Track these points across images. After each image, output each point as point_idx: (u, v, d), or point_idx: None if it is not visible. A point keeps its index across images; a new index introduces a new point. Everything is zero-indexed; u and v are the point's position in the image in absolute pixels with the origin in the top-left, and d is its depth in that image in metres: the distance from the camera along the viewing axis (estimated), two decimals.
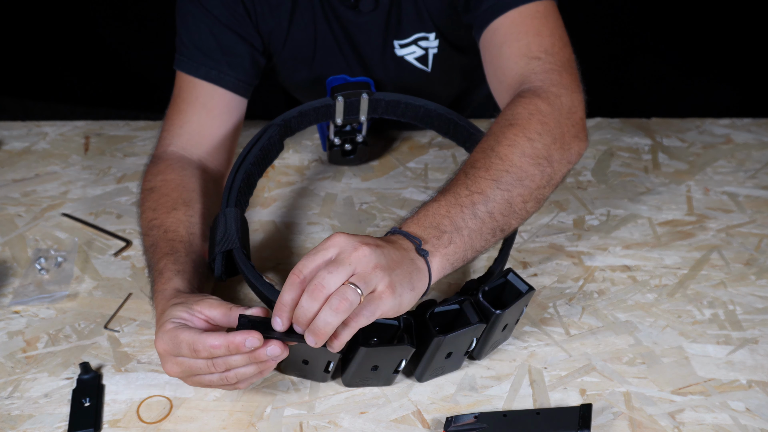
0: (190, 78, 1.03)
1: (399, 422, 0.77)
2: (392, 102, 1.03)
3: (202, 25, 1.02)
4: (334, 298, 0.67)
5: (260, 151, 0.95)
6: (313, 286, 0.67)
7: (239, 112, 1.06)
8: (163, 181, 0.95)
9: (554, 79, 0.90)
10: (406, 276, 0.71)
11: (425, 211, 0.78)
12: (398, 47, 1.10)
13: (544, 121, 0.85)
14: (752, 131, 1.25)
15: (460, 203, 0.78)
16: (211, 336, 0.70)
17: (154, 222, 0.90)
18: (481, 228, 0.78)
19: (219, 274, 0.85)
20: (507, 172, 0.81)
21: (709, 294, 0.93)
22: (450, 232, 0.76)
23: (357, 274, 0.68)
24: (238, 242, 0.84)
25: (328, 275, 0.67)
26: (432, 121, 1.04)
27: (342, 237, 0.70)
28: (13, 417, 0.78)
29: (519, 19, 0.94)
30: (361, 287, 0.67)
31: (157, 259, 0.85)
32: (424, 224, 0.76)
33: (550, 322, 0.89)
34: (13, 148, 1.23)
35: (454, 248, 0.76)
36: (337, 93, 1.02)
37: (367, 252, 0.68)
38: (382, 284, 0.69)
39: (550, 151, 0.84)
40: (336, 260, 0.68)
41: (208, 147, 1.02)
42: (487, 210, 0.79)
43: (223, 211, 0.87)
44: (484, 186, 0.79)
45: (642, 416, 0.77)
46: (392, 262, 0.70)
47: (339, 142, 1.11)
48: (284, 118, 0.99)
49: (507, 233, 0.82)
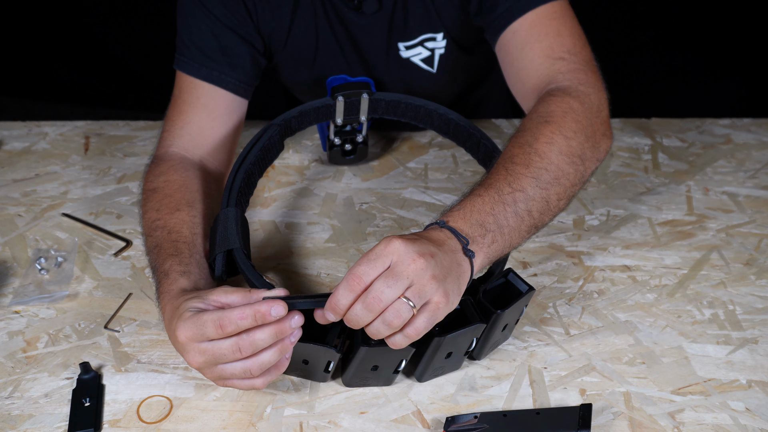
0: (190, 79, 1.03)
1: (399, 422, 0.77)
2: (392, 102, 1.03)
3: (203, 25, 1.02)
4: (389, 313, 0.69)
5: (260, 151, 0.95)
6: (371, 297, 0.69)
7: (240, 112, 1.06)
8: (165, 182, 0.95)
9: (581, 78, 0.92)
10: (456, 281, 0.72)
11: (471, 205, 0.78)
12: (403, 49, 1.10)
13: (577, 119, 0.87)
14: (752, 131, 1.25)
15: (503, 200, 0.79)
16: (236, 309, 0.71)
17: (158, 223, 0.90)
18: (519, 226, 0.79)
19: (219, 274, 0.85)
20: (546, 171, 0.82)
21: (709, 294, 0.93)
22: (493, 231, 0.77)
23: (413, 287, 0.69)
24: (238, 242, 0.84)
25: (387, 289, 0.68)
26: (432, 121, 1.04)
27: (400, 245, 0.70)
28: (13, 417, 0.78)
29: (537, 20, 0.95)
30: (416, 302, 0.69)
31: (161, 261, 0.85)
32: (470, 221, 0.77)
33: (550, 322, 0.89)
34: (14, 148, 1.23)
35: (495, 247, 0.77)
36: (337, 93, 1.02)
37: (423, 265, 0.69)
38: (437, 295, 0.70)
39: (584, 150, 0.86)
40: (394, 272, 0.69)
41: (209, 148, 1.02)
42: (527, 208, 0.80)
43: (224, 211, 0.87)
44: (525, 184, 0.81)
45: (642, 416, 0.77)
46: (444, 270, 0.71)
47: (339, 142, 1.11)
48: (284, 118, 0.99)
49: (540, 230, 0.83)
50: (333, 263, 0.99)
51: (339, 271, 0.97)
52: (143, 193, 0.96)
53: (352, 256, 0.99)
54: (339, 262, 0.99)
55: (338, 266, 0.98)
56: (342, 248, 1.01)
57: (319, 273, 0.97)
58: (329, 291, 0.73)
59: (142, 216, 0.94)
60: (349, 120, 1.05)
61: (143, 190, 0.96)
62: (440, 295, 0.70)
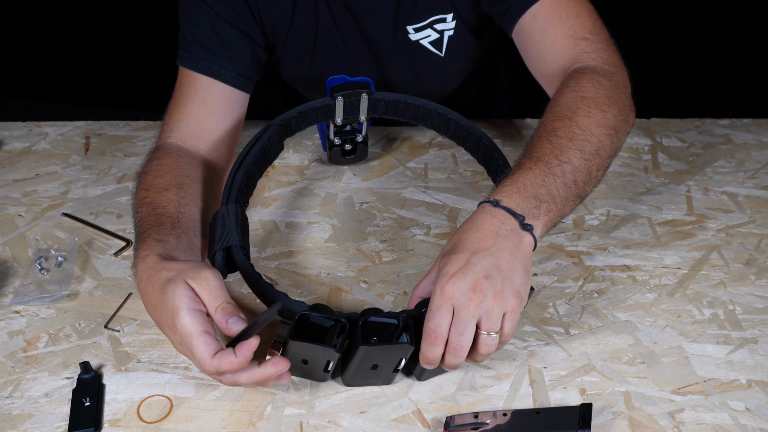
0: (190, 73, 1.03)
1: (399, 422, 0.77)
2: (392, 102, 1.03)
3: (203, 20, 1.03)
4: (478, 354, 0.75)
5: (260, 151, 0.95)
6: (453, 349, 0.73)
7: (239, 106, 1.06)
8: (158, 165, 0.95)
9: (605, 57, 0.95)
10: (521, 269, 0.75)
11: (523, 179, 0.80)
12: (412, 32, 1.10)
13: (610, 95, 0.90)
14: (752, 131, 1.25)
15: (553, 173, 0.81)
16: (242, 376, 0.73)
17: (145, 201, 0.90)
18: (568, 196, 0.82)
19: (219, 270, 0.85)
20: (588, 142, 0.85)
21: (708, 294, 0.93)
22: (547, 202, 0.79)
23: (483, 320, 0.73)
24: (237, 239, 0.84)
25: (461, 337, 0.73)
26: (432, 121, 1.04)
27: (452, 288, 0.72)
28: (13, 416, 0.78)
29: (556, 3, 0.97)
30: (493, 329, 0.73)
31: (142, 231, 0.85)
32: (525, 194, 0.79)
33: (550, 322, 0.89)
34: (14, 148, 1.23)
35: (551, 216, 0.80)
36: (336, 93, 1.02)
37: (481, 296, 0.72)
38: (509, 305, 0.74)
39: (618, 122, 0.89)
40: (459, 320, 0.72)
41: (208, 141, 1.02)
42: (574, 179, 0.82)
43: (223, 207, 0.87)
44: (571, 156, 0.83)
45: (642, 416, 0.77)
46: (505, 271, 0.74)
47: (339, 141, 1.11)
48: (284, 118, 0.99)
49: (583, 200, 0.86)
50: (333, 263, 0.99)
51: (339, 270, 0.97)
52: (137, 178, 0.96)
53: (352, 256, 0.99)
54: (339, 261, 0.99)
55: (338, 266, 0.98)
56: (342, 248, 1.01)
57: (319, 272, 0.97)
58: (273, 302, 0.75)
59: (133, 196, 0.93)
60: (349, 120, 1.05)
61: (137, 176, 0.96)
62: (511, 302, 0.73)
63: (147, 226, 0.85)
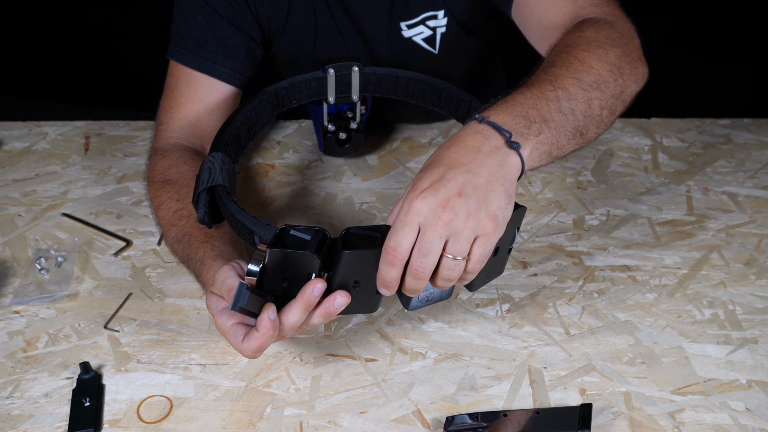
0: (185, 69, 1.03)
1: (399, 422, 0.77)
2: (383, 76, 1.02)
3: (198, 15, 1.03)
4: (439, 279, 0.68)
5: (250, 112, 0.93)
6: (414, 270, 0.67)
7: (235, 103, 1.06)
8: (178, 173, 0.95)
9: (606, 10, 0.91)
10: (500, 190, 0.68)
11: (512, 100, 0.74)
12: (405, 28, 1.10)
13: (612, 37, 0.85)
14: (752, 131, 1.25)
15: (546, 97, 0.75)
16: (288, 313, 0.72)
17: (182, 212, 0.89)
18: (564, 124, 0.76)
19: (202, 216, 0.82)
20: (586, 73, 0.80)
21: (709, 294, 0.93)
22: (539, 123, 0.73)
23: (450, 242, 0.66)
24: (222, 179, 0.81)
25: (423, 259, 0.66)
26: (424, 94, 1.03)
27: (421, 203, 0.66)
28: (13, 417, 0.78)
29: None
30: (460, 253, 0.67)
31: (194, 249, 0.85)
32: (512, 113, 0.72)
33: (550, 322, 0.89)
34: (14, 148, 1.23)
35: (543, 138, 0.73)
36: (327, 65, 1.01)
37: (450, 215, 0.65)
38: (481, 228, 0.66)
39: (622, 63, 0.84)
40: (424, 240, 0.66)
41: (209, 139, 1.02)
42: (570, 107, 0.77)
43: (210, 155, 0.85)
44: (566, 83, 0.78)
45: (642, 416, 0.77)
46: (483, 191, 0.67)
47: (333, 128, 1.10)
48: (275, 87, 0.98)
49: (585, 140, 0.80)
50: None
51: None
52: (153, 186, 0.95)
53: None
54: None
55: None
56: None
57: None
58: None
59: (156, 208, 0.93)
60: (342, 99, 1.04)
61: (152, 183, 0.96)
62: (485, 225, 0.67)
63: (198, 243, 0.86)
